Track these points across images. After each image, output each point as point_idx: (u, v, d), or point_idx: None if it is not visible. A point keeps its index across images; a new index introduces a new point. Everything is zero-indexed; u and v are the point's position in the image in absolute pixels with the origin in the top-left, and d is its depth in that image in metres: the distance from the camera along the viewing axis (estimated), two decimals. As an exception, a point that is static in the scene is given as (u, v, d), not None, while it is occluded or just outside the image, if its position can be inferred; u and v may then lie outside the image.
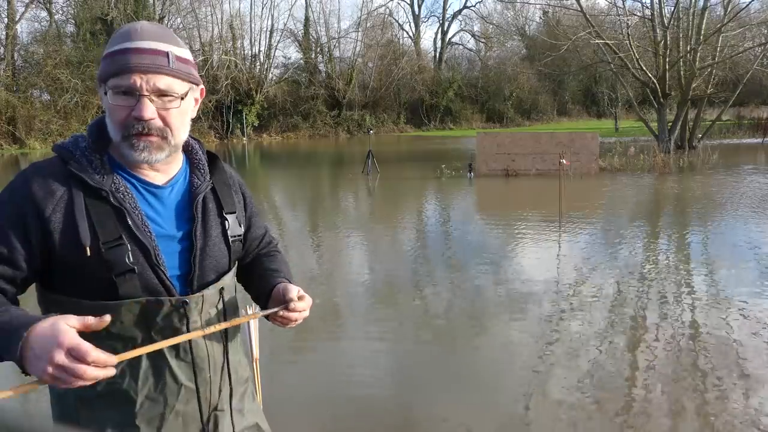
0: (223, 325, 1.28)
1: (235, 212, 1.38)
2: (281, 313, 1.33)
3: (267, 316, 1.37)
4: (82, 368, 1.00)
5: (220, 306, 1.33)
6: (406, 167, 17.34)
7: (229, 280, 1.37)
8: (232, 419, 1.36)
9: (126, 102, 1.18)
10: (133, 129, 1.19)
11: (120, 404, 1.22)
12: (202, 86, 1.31)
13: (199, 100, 1.33)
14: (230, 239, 1.35)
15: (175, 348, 1.25)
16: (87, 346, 1.01)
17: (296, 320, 1.35)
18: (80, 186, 1.19)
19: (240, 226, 1.39)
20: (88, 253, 1.16)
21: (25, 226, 1.16)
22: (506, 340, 4.40)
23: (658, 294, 5.27)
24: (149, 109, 1.18)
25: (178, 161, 1.33)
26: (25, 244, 1.16)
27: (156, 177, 1.28)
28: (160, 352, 1.21)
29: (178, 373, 1.25)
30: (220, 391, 1.33)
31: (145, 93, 1.17)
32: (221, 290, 1.33)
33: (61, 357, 0.99)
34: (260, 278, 1.48)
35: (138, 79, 1.16)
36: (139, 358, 1.19)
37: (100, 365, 1.02)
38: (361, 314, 5.07)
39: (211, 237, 1.31)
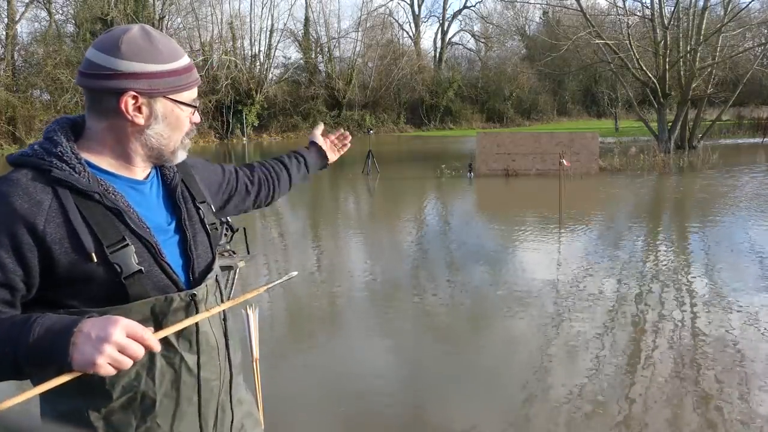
0: (240, 299, 1.32)
1: (206, 201, 1.39)
2: (333, 140, 1.99)
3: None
4: (140, 348, 1.05)
5: (217, 294, 1.35)
6: (406, 167, 17.34)
7: (217, 267, 1.38)
8: (232, 407, 1.37)
9: (192, 110, 1.29)
10: (191, 133, 1.30)
11: (139, 407, 1.20)
12: None
13: None
14: (208, 227, 1.36)
15: (188, 340, 1.25)
16: (143, 328, 1.07)
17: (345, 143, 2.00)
18: (68, 192, 1.13)
19: (213, 211, 1.41)
20: (95, 260, 1.12)
21: (18, 245, 1.09)
22: (507, 340, 4.40)
23: (658, 294, 5.26)
24: None
25: None
26: (20, 263, 1.09)
27: (136, 173, 1.26)
28: (172, 346, 1.21)
29: (192, 365, 1.25)
30: (223, 378, 1.35)
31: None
32: (216, 278, 1.35)
33: (121, 336, 1.03)
34: (287, 166, 1.79)
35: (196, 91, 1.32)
36: (153, 358, 1.19)
37: (153, 347, 1.08)
38: (361, 314, 5.06)
39: (195, 225, 1.33)
